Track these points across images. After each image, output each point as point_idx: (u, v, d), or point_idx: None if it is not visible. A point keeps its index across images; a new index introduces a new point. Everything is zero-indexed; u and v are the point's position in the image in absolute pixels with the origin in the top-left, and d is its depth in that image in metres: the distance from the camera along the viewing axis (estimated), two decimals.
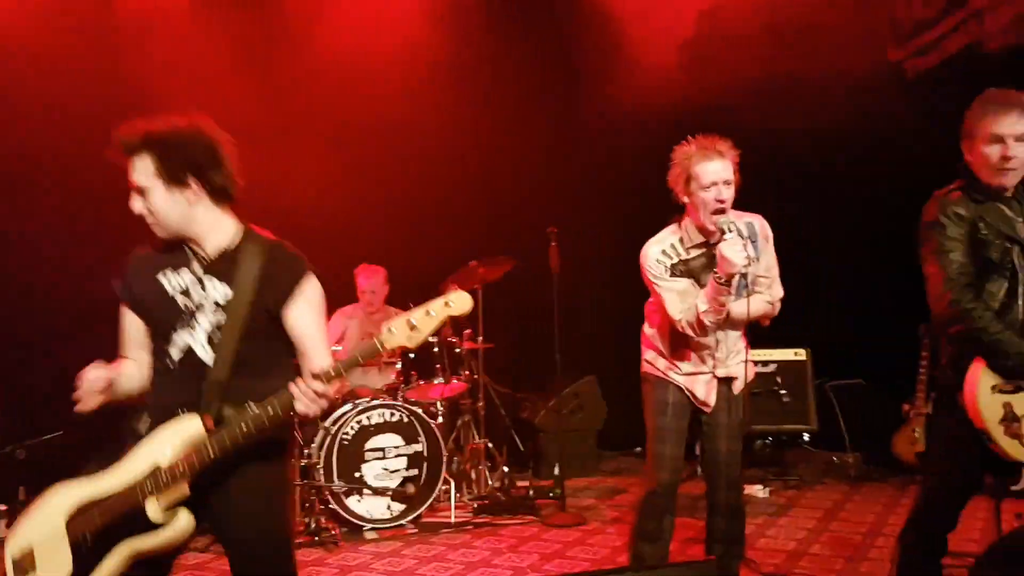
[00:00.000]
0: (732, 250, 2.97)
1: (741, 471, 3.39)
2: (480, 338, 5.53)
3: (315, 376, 2.15)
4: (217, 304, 2.30)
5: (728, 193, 3.10)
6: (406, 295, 6.00)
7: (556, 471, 5.44)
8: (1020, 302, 2.69)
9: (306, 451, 5.02)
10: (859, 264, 6.09)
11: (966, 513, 2.85)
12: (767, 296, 3.29)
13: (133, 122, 2.27)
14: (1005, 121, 2.66)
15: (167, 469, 2.19)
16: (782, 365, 5.95)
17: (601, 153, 6.62)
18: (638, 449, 6.38)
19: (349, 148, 6.47)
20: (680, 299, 3.18)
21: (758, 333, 6.01)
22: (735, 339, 3.34)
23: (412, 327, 2.14)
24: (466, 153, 6.56)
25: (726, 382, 3.34)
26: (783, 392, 5.88)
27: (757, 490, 5.51)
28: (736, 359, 3.34)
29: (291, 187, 6.00)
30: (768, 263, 3.30)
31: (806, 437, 6.01)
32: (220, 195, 2.33)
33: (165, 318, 2.32)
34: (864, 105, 5.85)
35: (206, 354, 2.29)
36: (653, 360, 3.40)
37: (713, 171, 3.09)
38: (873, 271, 5.98)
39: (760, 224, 3.30)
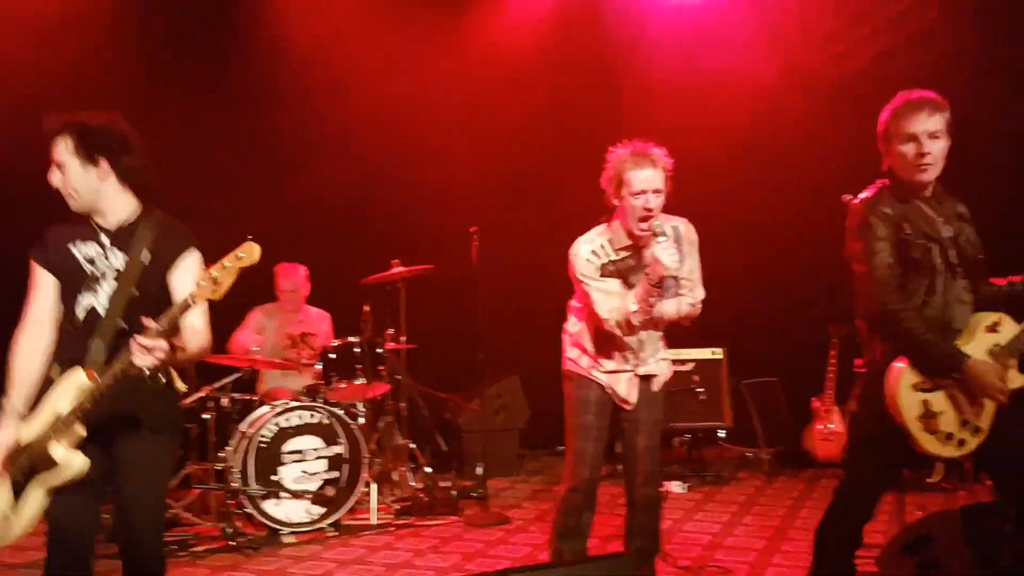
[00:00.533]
0: (665, 253, 3.05)
1: (659, 467, 3.46)
2: (403, 338, 5.49)
3: (144, 330, 2.37)
4: (117, 271, 2.66)
5: (657, 202, 3.16)
6: (327, 294, 5.97)
7: (479, 471, 5.45)
8: (938, 299, 2.80)
9: (221, 454, 4.90)
10: (772, 267, 6.28)
11: None
12: (690, 298, 3.38)
13: (59, 111, 2.68)
14: (917, 120, 2.76)
15: (64, 416, 2.54)
16: (699, 364, 6.08)
17: (527, 153, 6.65)
18: (560, 448, 6.41)
19: (270, 144, 6.37)
20: (608, 299, 3.22)
21: (676, 333, 6.15)
22: (656, 338, 3.41)
23: (215, 281, 2.36)
24: (389, 150, 6.51)
25: (646, 380, 3.41)
26: (700, 390, 6.02)
27: (675, 486, 5.62)
28: (656, 358, 3.41)
29: (208, 183, 5.87)
30: (691, 266, 3.38)
31: (722, 434, 6.17)
32: (127, 176, 2.71)
33: (74, 282, 2.68)
34: (777, 109, 6.04)
35: (104, 315, 2.64)
36: (576, 358, 3.43)
37: (644, 179, 3.15)
38: (785, 274, 6.17)
39: (686, 228, 3.39)
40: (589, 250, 3.28)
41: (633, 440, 3.42)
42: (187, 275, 2.63)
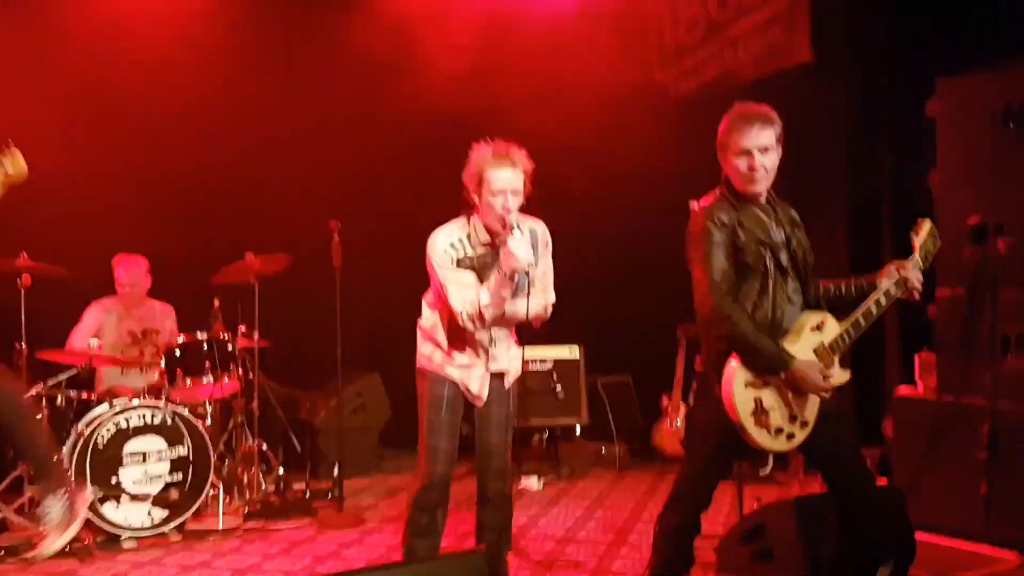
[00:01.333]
0: (519, 247, 3.09)
1: (510, 462, 3.49)
2: (256, 335, 5.31)
3: None
4: None
5: (515, 202, 3.20)
6: (175, 288, 5.70)
7: (335, 472, 5.34)
8: (769, 302, 2.94)
9: (56, 456, 4.58)
10: (626, 270, 6.49)
11: (715, 499, 3.11)
12: (542, 299, 3.43)
13: None
14: (749, 135, 2.90)
15: None
16: (557, 363, 6.21)
17: (386, 149, 6.59)
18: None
19: (110, 128, 6.02)
20: (462, 291, 3.24)
21: (537, 332, 6.26)
22: (507, 335, 3.45)
23: None
24: (244, 141, 6.29)
25: (498, 377, 3.45)
26: (558, 388, 6.14)
27: (532, 482, 5.71)
28: (508, 355, 3.45)
29: (40, 168, 5.49)
30: (544, 268, 3.45)
31: (578, 430, 6.31)
32: None
33: None
34: (632, 120, 6.24)
35: None
36: (430, 354, 3.44)
37: (503, 179, 3.18)
38: (639, 277, 6.39)
39: (542, 230, 3.45)
40: (447, 242, 3.29)
41: (485, 437, 3.45)
42: None
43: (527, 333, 6.50)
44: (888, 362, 5.22)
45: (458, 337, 3.36)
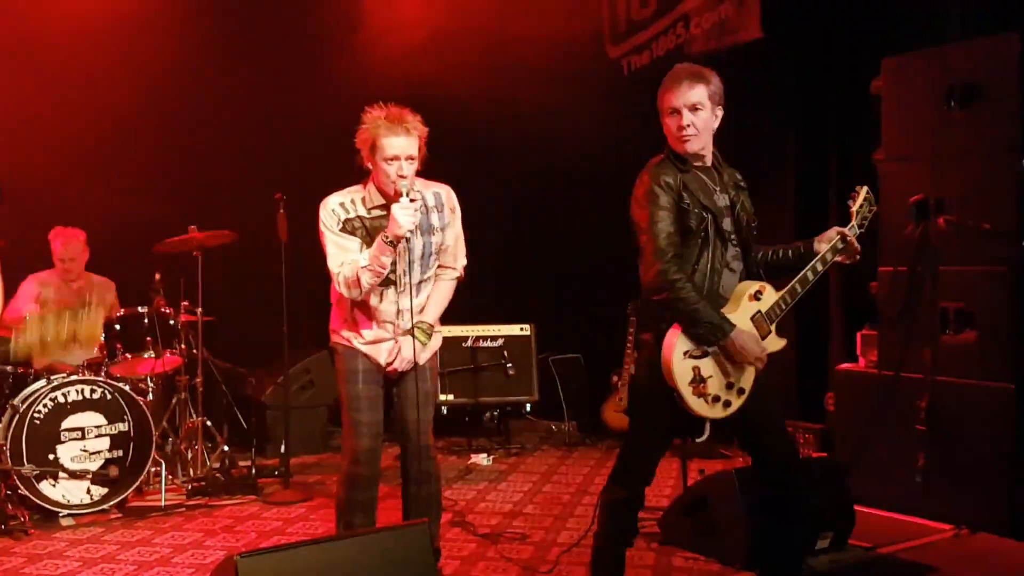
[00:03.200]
0: (403, 213, 3.06)
1: (431, 438, 3.42)
2: (199, 310, 5.19)
3: None
4: None
5: (409, 168, 3.17)
6: (114, 261, 5.56)
7: (282, 449, 5.27)
8: (707, 267, 2.92)
9: None
10: (577, 249, 6.48)
11: (660, 472, 3.09)
12: (452, 275, 3.44)
13: None
14: (677, 93, 2.87)
15: None
16: (508, 339, 6.19)
17: (334, 120, 6.47)
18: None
19: (49, 98, 5.84)
20: (342, 254, 3.21)
21: (488, 310, 6.25)
22: (418, 309, 3.35)
23: None
24: (187, 111, 6.15)
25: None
26: (509, 365, 6.12)
27: (481, 459, 5.70)
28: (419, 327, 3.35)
29: None
30: (455, 233, 3.42)
31: (528, 408, 6.31)
32: None
33: None
34: (585, 97, 6.22)
35: None
36: (338, 328, 3.39)
37: (397, 146, 3.14)
38: (589, 255, 6.39)
39: (447, 194, 3.40)
40: (338, 202, 3.26)
41: (403, 415, 3.39)
42: None
43: (479, 309, 6.49)
44: (831, 339, 5.29)
45: (364, 311, 3.31)
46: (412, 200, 3.12)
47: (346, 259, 3.19)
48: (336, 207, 3.24)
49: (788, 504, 3.03)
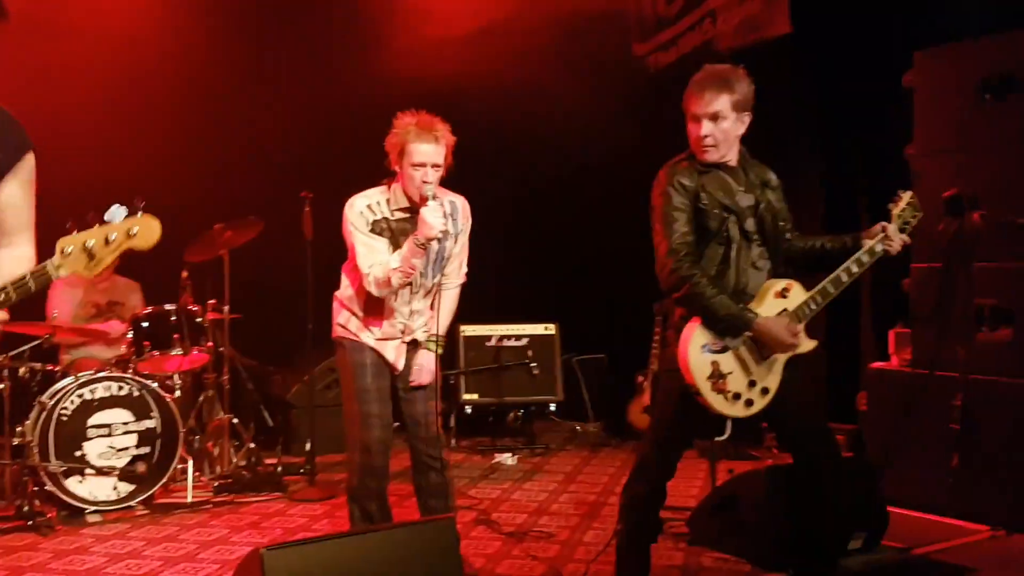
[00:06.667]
0: (433, 215, 3.12)
1: (440, 429, 3.50)
2: (226, 308, 5.21)
3: None
4: None
5: (434, 175, 3.23)
6: (144, 261, 5.56)
7: (307, 447, 5.27)
8: (732, 269, 2.89)
9: (18, 428, 4.50)
10: (602, 247, 6.44)
11: (687, 473, 3.07)
12: (456, 283, 3.50)
13: None
14: (698, 101, 2.84)
15: None
16: (533, 339, 6.17)
17: (360, 119, 6.48)
18: (396, 424, 6.36)
19: (74, 101, 5.88)
20: (372, 254, 3.27)
21: (512, 309, 6.22)
22: (425, 308, 3.47)
23: (90, 255, 1.92)
24: (215, 109, 6.17)
25: (415, 346, 3.46)
26: (533, 365, 6.10)
27: (506, 458, 5.68)
28: (425, 328, 3.47)
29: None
30: (463, 243, 3.50)
31: (553, 407, 6.27)
32: None
33: None
34: (611, 95, 6.18)
35: None
36: (346, 323, 3.44)
37: (424, 152, 3.20)
38: (614, 254, 6.34)
39: (463, 204, 3.48)
40: (365, 203, 3.32)
41: (411, 409, 3.46)
42: (25, 185, 2.19)
43: (503, 309, 6.46)
44: (863, 338, 5.21)
45: (376, 309, 3.37)
46: (437, 200, 3.17)
47: (376, 260, 3.25)
48: (364, 209, 3.30)
49: (823, 504, 2.98)
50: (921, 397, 4.18)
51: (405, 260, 3.19)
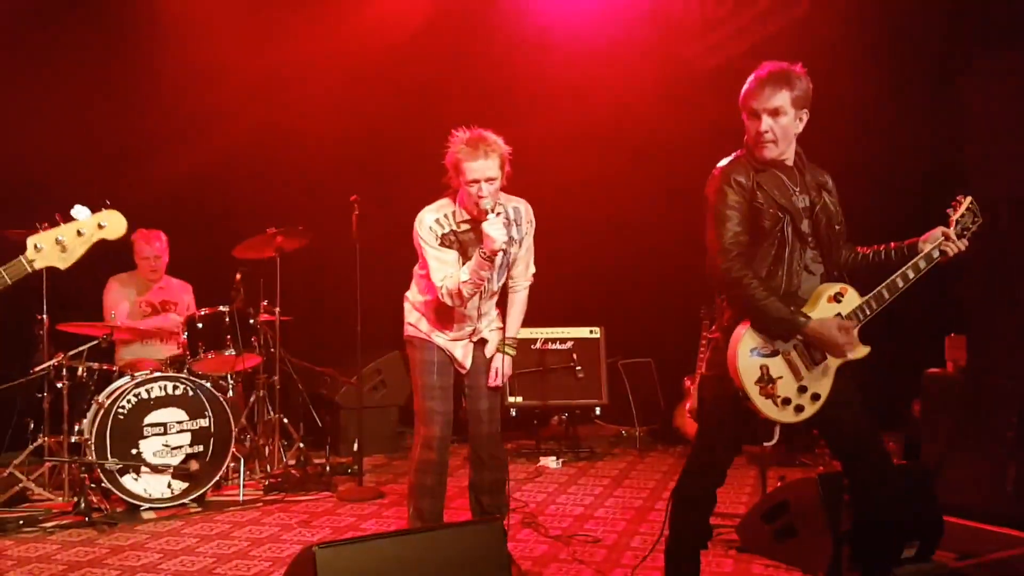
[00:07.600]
0: (495, 229, 3.21)
1: (500, 427, 3.63)
2: (277, 310, 5.30)
3: None
4: None
5: (489, 188, 3.30)
6: (197, 264, 5.71)
7: (355, 447, 5.34)
8: (784, 269, 2.83)
9: (76, 426, 4.63)
10: (648, 251, 6.41)
11: (737, 480, 3.02)
12: (525, 285, 3.64)
13: None
14: (758, 96, 2.78)
15: None
16: (578, 342, 6.15)
17: (409, 122, 6.54)
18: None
19: (132, 103, 6.04)
20: (443, 267, 3.39)
21: (557, 312, 6.22)
22: (492, 308, 3.63)
23: (63, 247, 2.09)
24: (265, 114, 6.27)
25: (481, 346, 3.61)
26: (578, 368, 6.09)
27: (550, 462, 5.67)
28: (491, 327, 3.63)
29: (53, 145, 5.53)
30: (528, 245, 3.59)
31: (598, 411, 6.25)
32: None
33: None
34: (658, 97, 6.15)
35: None
36: (416, 323, 3.60)
37: (476, 169, 3.28)
38: (662, 259, 6.31)
39: (526, 208, 3.56)
40: (434, 218, 3.43)
41: (475, 405, 3.60)
42: None
43: (548, 312, 6.45)
44: (918, 343, 5.10)
45: (446, 312, 3.51)
46: (497, 214, 3.24)
47: (447, 272, 3.37)
48: (432, 224, 3.41)
49: (875, 512, 2.92)
50: (977, 404, 4.09)
51: (474, 273, 3.30)
